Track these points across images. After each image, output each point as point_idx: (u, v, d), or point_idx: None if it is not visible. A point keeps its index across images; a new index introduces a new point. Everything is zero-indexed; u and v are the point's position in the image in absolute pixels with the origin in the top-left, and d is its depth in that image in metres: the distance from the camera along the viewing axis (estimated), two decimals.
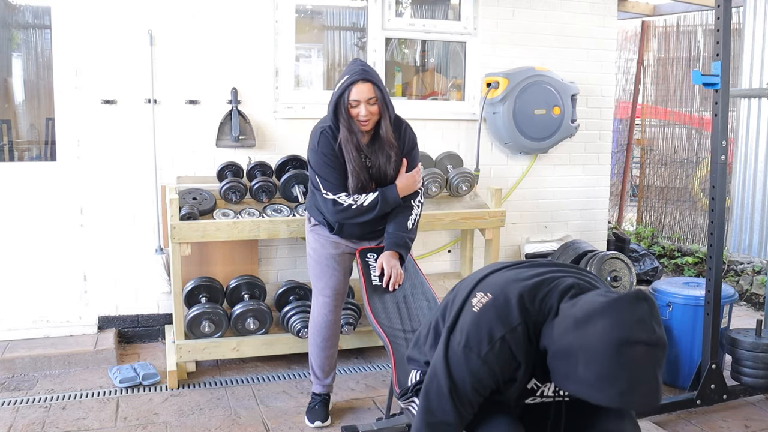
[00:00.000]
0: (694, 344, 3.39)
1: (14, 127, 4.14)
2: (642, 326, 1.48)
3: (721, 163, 3.01)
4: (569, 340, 1.56)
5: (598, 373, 1.48)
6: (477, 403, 1.77)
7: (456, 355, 1.74)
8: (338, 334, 3.13)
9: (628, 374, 1.46)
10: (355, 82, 2.69)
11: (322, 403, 3.10)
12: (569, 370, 1.55)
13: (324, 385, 3.13)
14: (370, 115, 2.73)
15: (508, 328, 1.68)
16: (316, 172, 2.84)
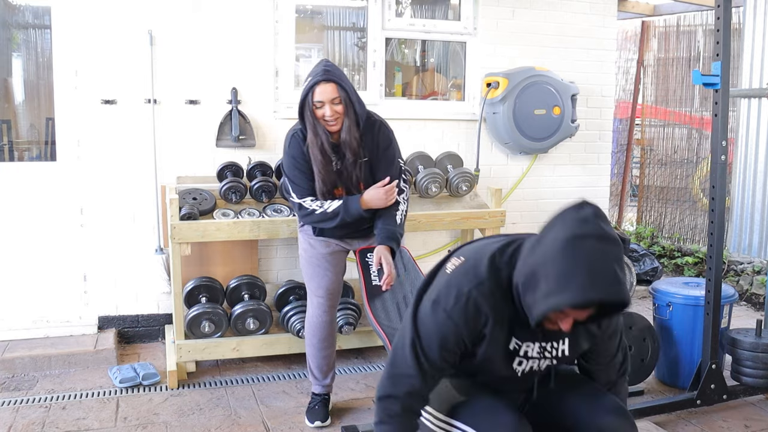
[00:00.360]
0: (694, 344, 3.39)
1: (14, 127, 4.14)
2: (588, 224, 1.53)
3: (721, 163, 3.01)
4: (528, 263, 1.61)
5: (556, 275, 1.51)
6: (442, 361, 1.77)
7: (424, 309, 1.79)
8: (335, 334, 3.13)
9: (583, 267, 1.49)
10: (318, 83, 2.67)
11: (321, 403, 3.10)
12: (535, 292, 1.57)
13: (323, 386, 3.13)
14: (336, 114, 2.71)
15: (475, 282, 1.71)
16: (287, 176, 2.88)
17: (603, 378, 1.96)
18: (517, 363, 1.81)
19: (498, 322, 1.72)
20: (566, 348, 1.82)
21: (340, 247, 2.99)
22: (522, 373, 1.83)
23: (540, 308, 1.56)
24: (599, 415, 1.79)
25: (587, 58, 4.74)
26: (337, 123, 2.73)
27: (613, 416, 1.78)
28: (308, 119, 2.73)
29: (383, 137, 2.89)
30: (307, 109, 2.72)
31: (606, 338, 1.89)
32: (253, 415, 3.15)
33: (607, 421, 1.77)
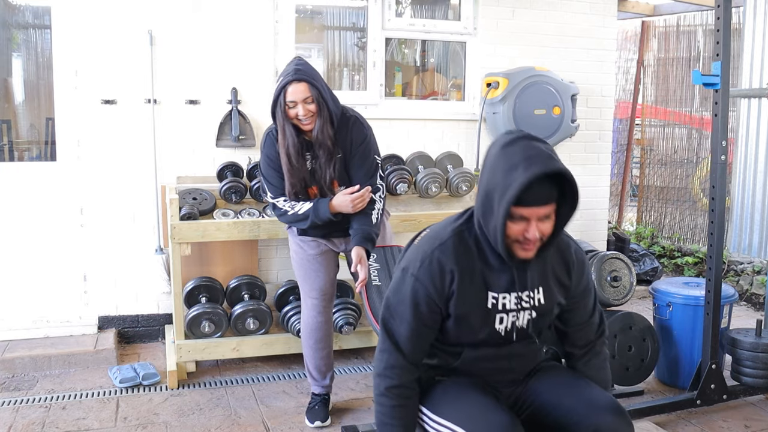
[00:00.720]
0: (694, 344, 3.39)
1: (14, 127, 4.14)
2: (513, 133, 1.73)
3: (721, 163, 3.01)
4: (480, 195, 1.75)
5: (502, 179, 1.65)
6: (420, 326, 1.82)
7: (395, 278, 1.88)
8: (331, 334, 3.12)
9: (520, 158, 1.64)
10: (290, 82, 2.66)
11: (321, 403, 3.10)
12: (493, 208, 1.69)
13: (322, 386, 3.13)
14: (309, 113, 2.70)
15: (438, 243, 1.82)
16: (263, 175, 2.88)
17: (582, 340, 1.99)
18: (498, 321, 1.84)
19: (465, 276, 1.79)
20: (542, 297, 1.86)
21: (328, 247, 2.98)
22: (505, 331, 1.86)
23: (499, 216, 1.66)
24: (595, 413, 1.78)
25: (587, 58, 4.74)
26: (310, 122, 2.73)
27: (610, 415, 1.77)
28: (279, 120, 2.73)
29: (357, 132, 2.85)
30: (278, 110, 2.71)
31: (579, 294, 1.94)
32: (253, 415, 3.15)
33: (604, 419, 1.77)
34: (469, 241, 1.81)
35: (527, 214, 1.67)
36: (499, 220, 1.67)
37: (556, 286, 1.90)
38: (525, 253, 1.74)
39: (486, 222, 1.73)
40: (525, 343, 1.93)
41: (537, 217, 1.68)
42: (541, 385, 1.92)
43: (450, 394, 1.86)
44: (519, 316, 1.86)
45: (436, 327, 1.86)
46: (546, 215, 1.69)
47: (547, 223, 1.71)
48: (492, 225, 1.71)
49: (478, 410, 1.76)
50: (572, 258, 1.92)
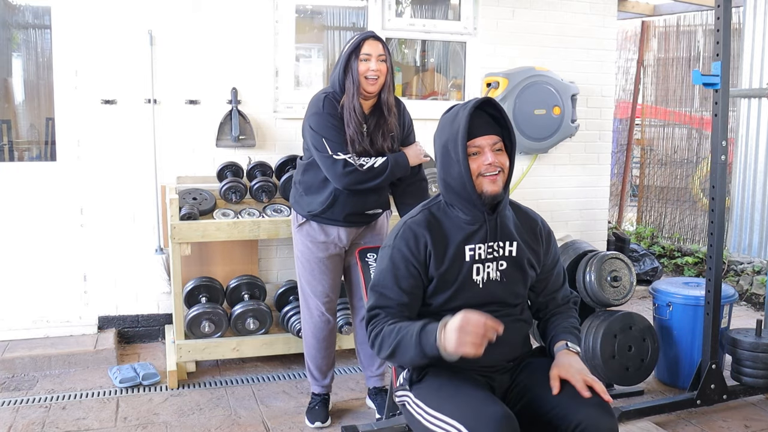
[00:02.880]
0: (694, 344, 3.39)
1: (14, 127, 4.14)
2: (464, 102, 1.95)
3: (721, 163, 3.01)
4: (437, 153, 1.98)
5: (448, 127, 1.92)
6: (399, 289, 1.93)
7: (377, 258, 2.05)
8: (335, 334, 3.12)
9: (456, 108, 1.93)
10: (367, 38, 2.72)
11: (321, 404, 3.10)
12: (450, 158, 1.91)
13: (323, 386, 3.12)
14: (379, 72, 2.72)
15: (408, 217, 2.01)
16: (322, 135, 2.73)
17: (552, 304, 2.15)
18: (475, 272, 1.96)
19: (439, 237, 1.95)
20: (514, 250, 2.00)
21: (338, 249, 2.95)
22: (482, 283, 1.97)
23: (459, 156, 1.87)
24: (580, 406, 1.81)
25: (587, 58, 4.74)
26: (377, 82, 2.73)
27: (593, 409, 1.81)
28: (351, 75, 2.71)
29: (408, 118, 3.00)
30: (351, 65, 2.70)
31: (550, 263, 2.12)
32: (253, 415, 3.15)
33: (588, 412, 1.79)
34: (438, 212, 2.00)
35: (480, 143, 1.90)
36: (461, 158, 1.88)
37: (527, 248, 2.04)
38: (492, 186, 1.91)
39: (451, 173, 1.93)
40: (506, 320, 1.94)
41: (490, 147, 1.91)
42: (531, 379, 1.96)
43: (445, 388, 1.88)
44: (492, 266, 1.98)
45: (418, 294, 1.95)
46: (496, 145, 1.92)
47: (502, 155, 1.93)
48: (456, 170, 1.90)
49: (474, 404, 1.78)
50: (539, 227, 2.10)
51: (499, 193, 1.92)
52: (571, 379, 1.85)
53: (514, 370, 2.02)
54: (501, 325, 1.75)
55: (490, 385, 1.97)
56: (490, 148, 1.90)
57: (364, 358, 3.20)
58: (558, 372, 1.88)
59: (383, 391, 3.18)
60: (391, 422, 2.58)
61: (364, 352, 3.18)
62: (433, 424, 1.83)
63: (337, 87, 2.77)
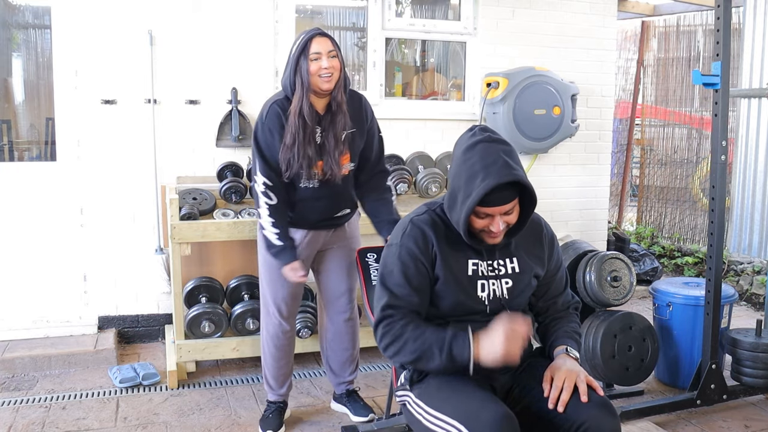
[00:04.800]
0: (694, 344, 3.39)
1: (14, 127, 4.14)
2: (475, 135, 1.85)
3: (721, 163, 3.01)
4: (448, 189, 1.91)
5: (464, 183, 1.81)
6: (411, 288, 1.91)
7: (384, 255, 2.01)
8: (293, 343, 3.02)
9: (479, 162, 1.79)
10: (314, 36, 2.59)
11: (276, 412, 3.01)
12: (456, 207, 1.85)
13: (278, 394, 3.03)
14: (332, 68, 2.60)
15: (414, 215, 1.99)
16: (254, 148, 2.69)
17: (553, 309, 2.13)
18: (480, 288, 1.95)
19: (443, 242, 1.93)
20: (516, 266, 1.98)
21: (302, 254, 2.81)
22: (488, 300, 1.95)
23: (462, 216, 1.81)
24: (582, 408, 1.81)
25: (587, 58, 4.74)
26: (331, 79, 2.61)
27: (595, 410, 1.80)
28: (299, 78, 2.59)
29: (369, 109, 2.85)
30: (300, 66, 2.58)
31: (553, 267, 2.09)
32: (253, 415, 3.15)
33: (590, 413, 1.79)
34: (443, 217, 1.96)
35: (490, 212, 1.83)
36: (462, 218, 1.82)
37: (530, 257, 2.02)
38: (492, 240, 1.90)
39: (452, 214, 1.90)
40: None
41: (500, 213, 1.84)
42: (533, 379, 1.95)
43: (446, 388, 1.88)
44: (497, 284, 1.96)
45: (427, 291, 1.94)
46: (508, 211, 1.84)
47: (512, 215, 1.86)
48: (456, 218, 1.87)
49: (475, 404, 1.78)
50: (544, 231, 2.07)
51: (499, 243, 1.91)
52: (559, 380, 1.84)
53: (516, 370, 2.01)
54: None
55: (492, 386, 1.97)
56: (501, 215, 1.84)
57: (334, 365, 3.11)
58: (551, 373, 1.88)
59: (354, 392, 3.16)
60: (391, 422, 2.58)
61: (336, 359, 3.10)
62: (434, 424, 1.84)
63: (289, 91, 2.66)
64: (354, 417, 3.08)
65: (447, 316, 1.96)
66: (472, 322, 1.93)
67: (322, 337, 3.13)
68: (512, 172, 1.78)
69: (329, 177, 2.73)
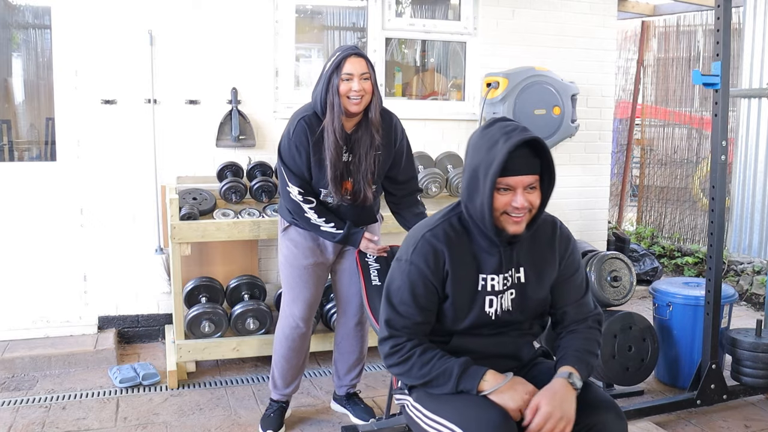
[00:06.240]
0: (694, 344, 3.39)
1: (14, 127, 4.14)
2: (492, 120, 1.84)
3: (721, 163, 3.01)
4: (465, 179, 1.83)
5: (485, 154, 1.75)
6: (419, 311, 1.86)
7: (392, 269, 1.95)
8: (308, 345, 3.00)
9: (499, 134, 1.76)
10: (349, 56, 2.55)
11: (278, 411, 2.99)
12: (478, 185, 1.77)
13: (282, 394, 3.01)
14: (363, 91, 2.56)
15: (426, 229, 1.89)
16: (283, 161, 2.69)
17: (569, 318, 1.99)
18: (488, 304, 1.88)
19: (456, 256, 1.85)
20: (522, 275, 1.91)
21: (323, 258, 2.86)
22: (495, 315, 1.90)
23: (486, 188, 1.74)
24: (590, 412, 1.80)
25: (587, 58, 4.74)
26: (361, 102, 2.57)
27: (604, 413, 1.80)
28: (330, 98, 2.57)
29: (401, 128, 2.82)
30: (332, 83, 2.56)
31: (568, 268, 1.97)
32: (253, 415, 3.15)
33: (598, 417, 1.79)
34: (458, 226, 1.88)
35: (513, 183, 1.75)
36: (486, 193, 1.74)
37: (540, 262, 1.93)
38: (515, 227, 1.79)
39: (473, 200, 1.80)
40: (514, 335, 1.95)
41: (522, 186, 1.76)
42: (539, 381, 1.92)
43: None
44: (504, 296, 1.90)
45: (434, 309, 1.89)
46: (531, 185, 1.77)
47: (534, 193, 1.79)
48: (479, 201, 1.77)
49: (473, 408, 1.77)
50: (558, 232, 1.98)
51: (521, 233, 1.82)
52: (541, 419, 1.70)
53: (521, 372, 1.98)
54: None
55: None
56: (523, 189, 1.76)
57: (341, 368, 3.12)
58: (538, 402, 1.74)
59: (355, 395, 3.16)
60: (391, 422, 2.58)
61: (342, 361, 3.10)
62: (432, 428, 1.83)
63: (319, 107, 2.63)
64: (355, 419, 3.08)
65: (453, 330, 1.92)
66: (479, 336, 1.91)
67: (337, 338, 3.13)
68: (532, 133, 1.76)
69: (359, 197, 2.72)
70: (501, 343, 1.95)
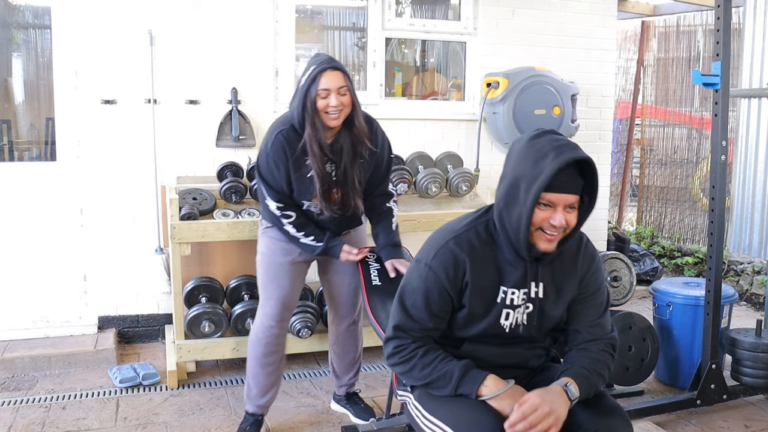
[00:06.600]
0: (694, 344, 3.39)
1: (14, 127, 4.14)
2: (539, 130, 1.78)
3: (721, 163, 3.01)
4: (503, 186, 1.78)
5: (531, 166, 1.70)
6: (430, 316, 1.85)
7: (410, 269, 1.92)
8: (283, 348, 2.88)
9: (549, 147, 1.69)
10: (325, 70, 2.45)
11: (254, 426, 2.88)
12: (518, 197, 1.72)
13: (258, 405, 2.89)
14: (341, 106, 2.48)
15: (452, 235, 1.84)
16: (261, 176, 2.62)
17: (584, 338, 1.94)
18: (504, 317, 1.86)
19: (478, 267, 1.82)
20: (540, 291, 1.87)
21: (302, 256, 2.77)
22: (510, 328, 1.87)
23: (528, 202, 1.69)
24: (595, 416, 1.79)
25: (587, 58, 4.74)
26: (339, 116, 2.51)
27: (609, 418, 1.79)
28: (308, 112, 2.48)
29: (382, 133, 2.76)
30: (308, 100, 2.47)
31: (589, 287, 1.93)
32: None
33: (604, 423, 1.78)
34: (484, 235, 1.84)
35: (555, 200, 1.71)
36: (527, 206, 1.70)
37: (561, 279, 1.89)
38: (547, 245, 1.76)
39: (510, 211, 1.75)
40: (525, 347, 1.95)
41: (563, 205, 1.72)
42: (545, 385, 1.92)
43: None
44: (523, 312, 1.88)
45: (447, 317, 1.88)
46: (572, 204, 1.73)
47: (572, 213, 1.75)
48: (517, 212, 1.73)
49: (468, 412, 1.77)
50: (582, 248, 1.92)
51: (552, 252, 1.79)
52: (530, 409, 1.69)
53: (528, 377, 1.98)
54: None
55: None
56: (563, 207, 1.72)
57: (338, 369, 3.09)
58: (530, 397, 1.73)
59: (355, 395, 3.15)
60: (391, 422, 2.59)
61: (339, 362, 3.07)
62: (429, 428, 1.84)
63: (297, 122, 2.54)
64: (355, 419, 3.08)
65: (463, 336, 1.91)
66: (488, 345, 1.90)
67: (332, 340, 3.09)
68: (583, 153, 1.70)
69: (349, 208, 2.66)
70: (511, 353, 1.93)
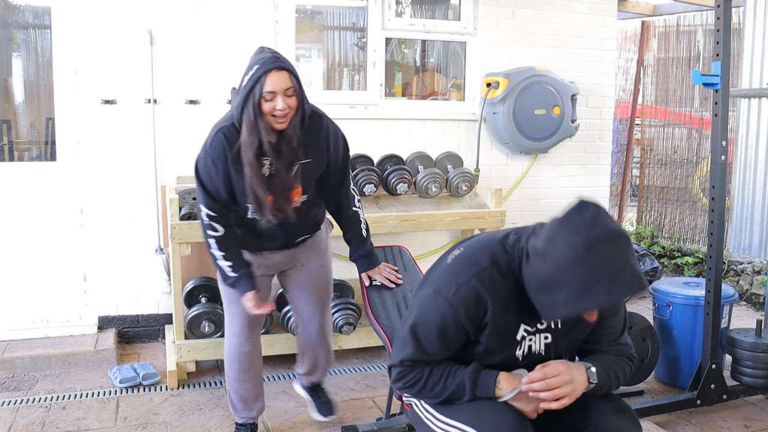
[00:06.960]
0: (694, 344, 3.39)
1: (14, 127, 4.14)
2: (596, 225, 1.57)
3: (721, 163, 3.01)
4: (541, 271, 1.62)
5: (579, 286, 1.55)
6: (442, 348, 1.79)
7: (426, 298, 1.80)
8: (259, 362, 2.80)
9: (604, 272, 1.54)
10: (269, 71, 2.26)
11: None
12: (554, 297, 1.60)
13: (246, 416, 2.82)
14: (288, 109, 2.30)
15: (475, 270, 1.74)
16: (197, 178, 2.44)
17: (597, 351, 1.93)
18: (518, 347, 1.83)
19: (501, 309, 1.74)
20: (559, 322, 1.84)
21: (264, 271, 2.67)
22: (522, 356, 1.84)
23: (564, 312, 1.61)
24: (603, 414, 1.79)
25: (587, 58, 4.74)
26: (286, 119, 2.32)
27: (616, 416, 1.79)
28: (248, 115, 2.29)
29: (335, 131, 2.55)
30: (250, 103, 2.28)
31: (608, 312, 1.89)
32: None
33: (611, 421, 1.78)
34: (507, 273, 1.74)
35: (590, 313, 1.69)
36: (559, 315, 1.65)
37: None
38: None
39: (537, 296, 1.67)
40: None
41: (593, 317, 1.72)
42: None
43: None
44: (535, 338, 1.84)
45: (458, 347, 1.83)
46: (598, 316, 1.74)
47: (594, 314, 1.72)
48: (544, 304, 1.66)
49: (488, 410, 1.75)
50: None
51: None
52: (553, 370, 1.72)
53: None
54: None
55: None
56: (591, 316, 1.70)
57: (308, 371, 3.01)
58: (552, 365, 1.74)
59: (318, 385, 3.08)
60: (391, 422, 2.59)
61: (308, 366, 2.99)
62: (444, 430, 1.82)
63: (236, 120, 2.37)
64: (315, 415, 3.02)
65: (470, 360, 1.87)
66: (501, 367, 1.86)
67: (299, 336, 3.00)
68: (640, 280, 1.56)
69: (284, 213, 2.47)
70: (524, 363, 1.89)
